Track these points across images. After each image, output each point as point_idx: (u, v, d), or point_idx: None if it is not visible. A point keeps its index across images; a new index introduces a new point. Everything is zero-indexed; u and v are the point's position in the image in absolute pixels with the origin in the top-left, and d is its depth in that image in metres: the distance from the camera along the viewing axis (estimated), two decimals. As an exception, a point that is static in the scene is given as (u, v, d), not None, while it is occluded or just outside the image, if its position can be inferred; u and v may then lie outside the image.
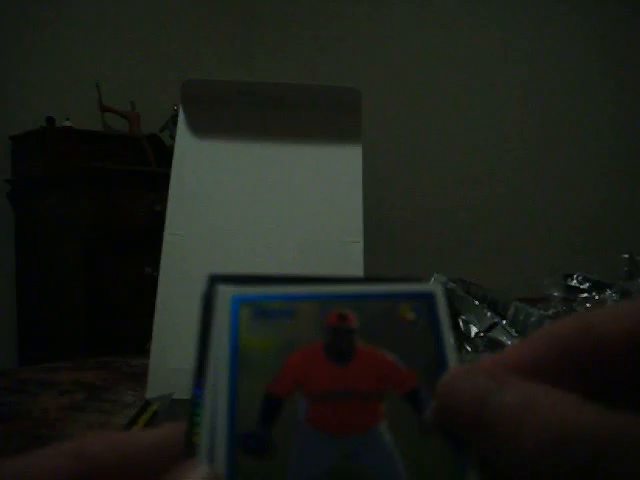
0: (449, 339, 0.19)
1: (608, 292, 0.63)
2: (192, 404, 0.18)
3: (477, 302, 0.61)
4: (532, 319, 0.61)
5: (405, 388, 0.18)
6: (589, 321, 0.18)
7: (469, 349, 0.58)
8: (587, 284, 0.66)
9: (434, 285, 0.20)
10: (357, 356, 0.19)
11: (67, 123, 2.37)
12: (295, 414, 0.18)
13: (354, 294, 0.19)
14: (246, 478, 0.16)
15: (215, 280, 0.19)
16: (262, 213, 0.62)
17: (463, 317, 0.60)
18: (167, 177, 0.61)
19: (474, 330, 0.59)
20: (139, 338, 0.72)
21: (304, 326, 0.19)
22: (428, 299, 0.20)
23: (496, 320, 0.60)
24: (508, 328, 0.60)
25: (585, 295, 0.64)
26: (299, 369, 0.18)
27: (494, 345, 0.58)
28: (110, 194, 2.19)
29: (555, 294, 0.64)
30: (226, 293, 0.19)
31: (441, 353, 0.19)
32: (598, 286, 0.65)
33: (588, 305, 0.62)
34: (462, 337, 0.58)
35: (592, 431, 0.15)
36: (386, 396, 0.18)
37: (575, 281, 0.67)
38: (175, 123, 0.68)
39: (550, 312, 0.62)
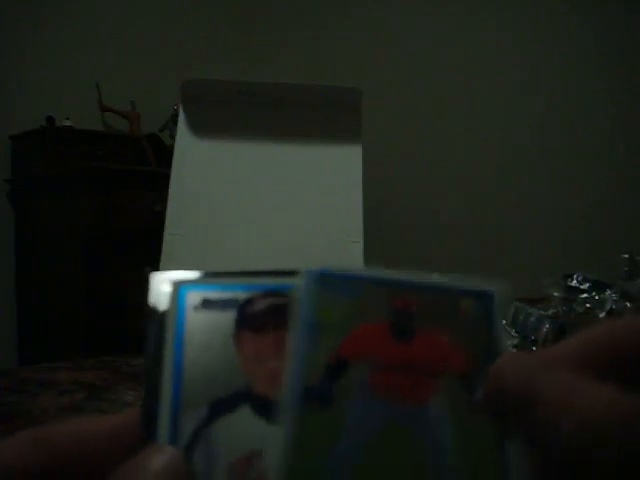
0: (502, 333, 0.21)
1: (608, 292, 0.63)
2: (148, 388, 0.20)
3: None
4: (532, 319, 0.61)
5: (458, 370, 0.20)
6: (630, 324, 0.19)
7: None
8: (587, 284, 0.66)
9: (496, 284, 0.22)
10: (417, 337, 0.21)
11: (67, 123, 2.37)
12: (358, 376, 0.20)
13: (421, 284, 0.22)
14: (310, 425, 0.19)
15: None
16: (262, 213, 0.62)
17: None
18: (167, 177, 0.61)
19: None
20: (139, 338, 0.72)
21: (371, 305, 0.21)
22: (487, 297, 0.22)
23: (496, 320, 0.60)
24: (508, 328, 0.60)
25: (585, 295, 0.64)
26: (365, 339, 0.21)
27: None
28: (110, 194, 2.19)
29: (555, 294, 0.64)
30: (306, 275, 0.21)
31: (493, 344, 0.21)
32: (598, 286, 0.65)
33: (588, 305, 0.62)
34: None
35: (615, 412, 0.15)
36: (440, 376, 0.20)
37: (575, 281, 0.67)
38: (175, 123, 0.68)
39: (550, 312, 0.62)
